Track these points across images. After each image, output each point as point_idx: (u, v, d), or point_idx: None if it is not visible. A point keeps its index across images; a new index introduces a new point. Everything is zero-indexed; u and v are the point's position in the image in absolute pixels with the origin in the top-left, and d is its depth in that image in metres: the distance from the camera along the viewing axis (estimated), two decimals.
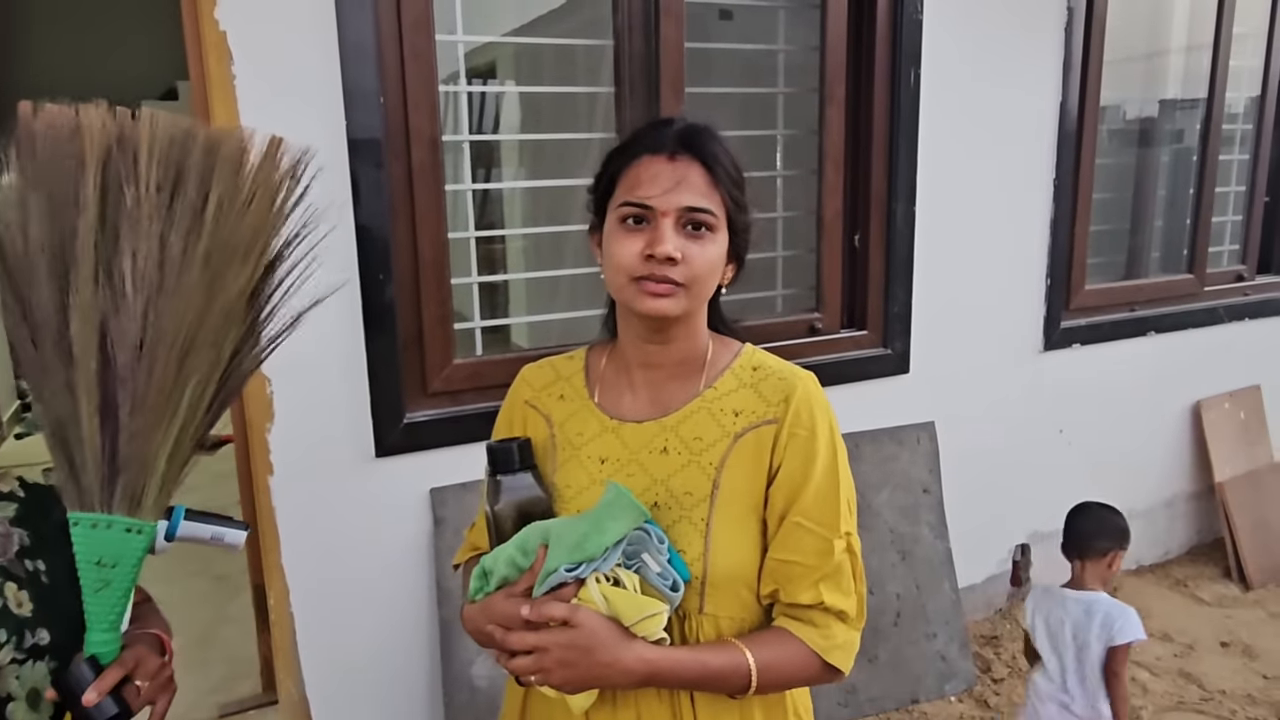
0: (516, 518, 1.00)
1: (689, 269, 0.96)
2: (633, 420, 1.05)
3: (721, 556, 0.98)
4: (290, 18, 1.78)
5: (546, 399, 1.12)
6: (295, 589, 1.96)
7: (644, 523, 0.94)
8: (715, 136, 1.01)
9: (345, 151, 1.85)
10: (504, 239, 5.31)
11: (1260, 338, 3.52)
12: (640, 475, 1.02)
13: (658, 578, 0.93)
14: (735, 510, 0.99)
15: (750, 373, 1.05)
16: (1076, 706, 2.00)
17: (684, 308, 0.98)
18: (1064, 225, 2.90)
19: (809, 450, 0.99)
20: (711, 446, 1.01)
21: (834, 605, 0.98)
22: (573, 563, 0.91)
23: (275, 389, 1.87)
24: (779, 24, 2.62)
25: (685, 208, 0.96)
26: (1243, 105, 3.55)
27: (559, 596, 0.91)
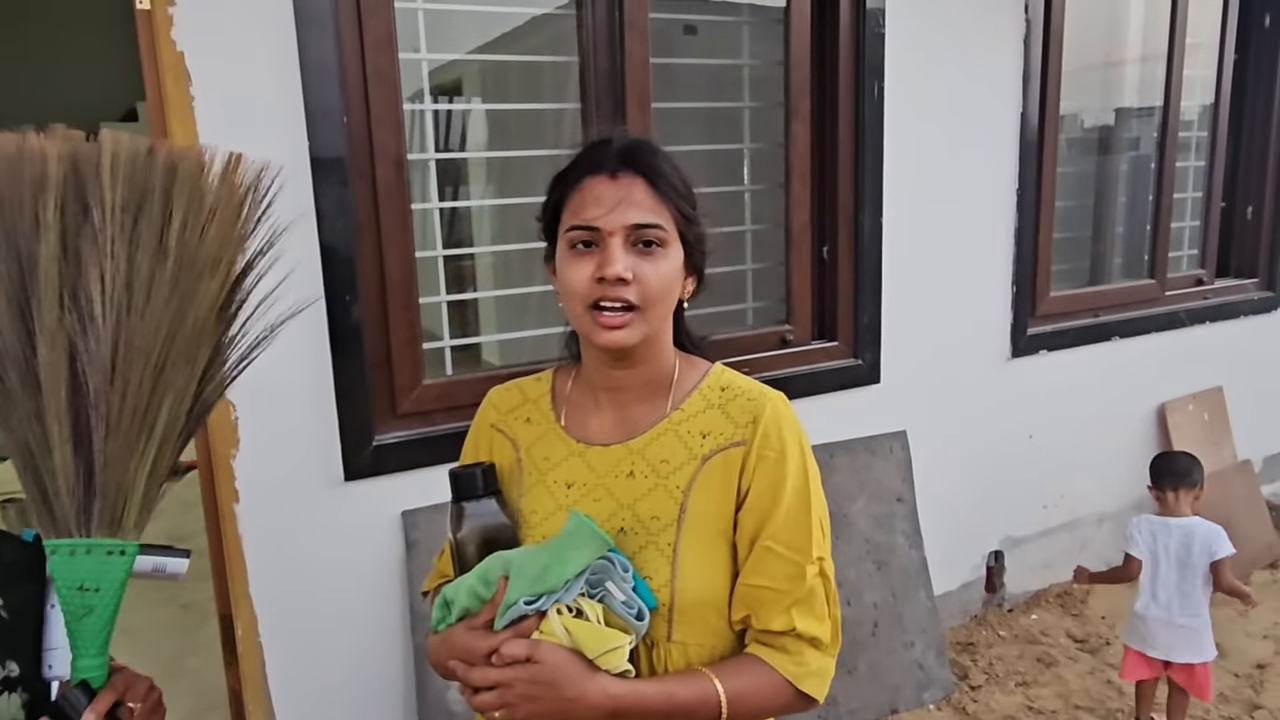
0: (480, 545, 0.97)
1: (642, 288, 0.94)
2: (599, 444, 1.03)
3: (689, 582, 0.95)
4: (249, 38, 1.76)
5: (513, 422, 1.10)
6: (264, 618, 1.91)
7: (608, 551, 0.92)
8: (656, 150, 0.99)
9: (308, 171, 1.83)
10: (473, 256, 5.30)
11: (1221, 340, 3.58)
12: (607, 500, 1.00)
13: (622, 606, 0.91)
14: (703, 535, 0.97)
15: (718, 393, 1.02)
16: (1182, 618, 2.33)
17: (642, 333, 0.96)
18: (1028, 233, 2.94)
19: (778, 473, 0.97)
20: (679, 470, 0.99)
21: (806, 631, 0.96)
22: (533, 594, 0.89)
23: (240, 414, 1.84)
24: (743, 39, 2.64)
25: (632, 225, 0.94)
26: (1196, 113, 3.63)
27: (520, 629, 0.89)
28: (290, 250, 1.81)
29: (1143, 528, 2.43)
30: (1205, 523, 2.39)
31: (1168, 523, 2.40)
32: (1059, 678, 2.73)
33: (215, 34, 1.73)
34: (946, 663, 2.69)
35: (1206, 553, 2.33)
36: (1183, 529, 2.38)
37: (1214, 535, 2.35)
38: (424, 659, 2.00)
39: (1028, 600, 3.18)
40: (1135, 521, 2.46)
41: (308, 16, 1.78)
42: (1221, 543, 2.34)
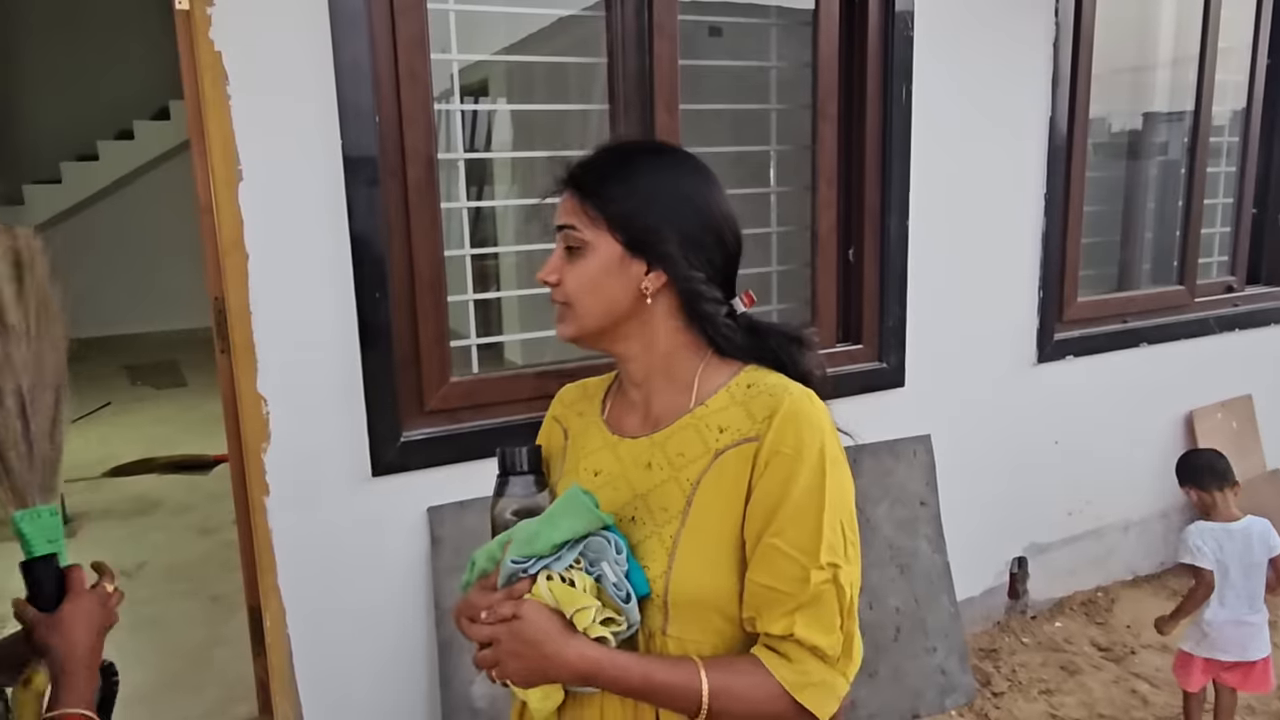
0: (517, 520, 1.01)
1: (563, 289, 1.02)
2: (630, 436, 1.06)
3: (685, 575, 0.94)
4: (285, 38, 1.79)
5: (570, 415, 1.16)
6: (292, 610, 1.94)
7: (606, 530, 0.94)
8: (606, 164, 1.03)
9: (340, 170, 1.85)
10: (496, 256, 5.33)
11: (1250, 347, 3.54)
12: (624, 489, 1.02)
13: (613, 588, 0.92)
14: (707, 530, 0.96)
15: (744, 389, 1.02)
16: (1251, 616, 2.31)
17: (578, 327, 1.02)
18: (1055, 238, 2.92)
19: (790, 469, 0.94)
20: (692, 463, 0.99)
21: (807, 639, 0.91)
22: (521, 556, 0.92)
23: (271, 409, 1.86)
24: (771, 41, 2.64)
25: (557, 227, 1.02)
26: (1228, 118, 3.59)
27: (513, 590, 0.93)
28: (322, 248, 1.86)
29: (1206, 538, 2.33)
30: (1257, 519, 2.36)
31: (1230, 529, 2.33)
32: (1083, 686, 2.71)
33: (252, 34, 1.75)
34: (969, 669, 2.68)
35: (1266, 549, 2.32)
36: (1243, 531, 2.33)
37: (1269, 530, 2.33)
38: (448, 653, 2.03)
39: (1052, 607, 3.15)
40: (1195, 532, 2.35)
41: (342, 17, 1.81)
42: (1276, 537, 2.33)
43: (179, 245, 7.10)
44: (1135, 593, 3.27)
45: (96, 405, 5.85)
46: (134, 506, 4.21)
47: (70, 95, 7.69)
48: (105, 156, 7.70)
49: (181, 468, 4.64)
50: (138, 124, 7.72)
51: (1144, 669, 2.79)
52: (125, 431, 5.35)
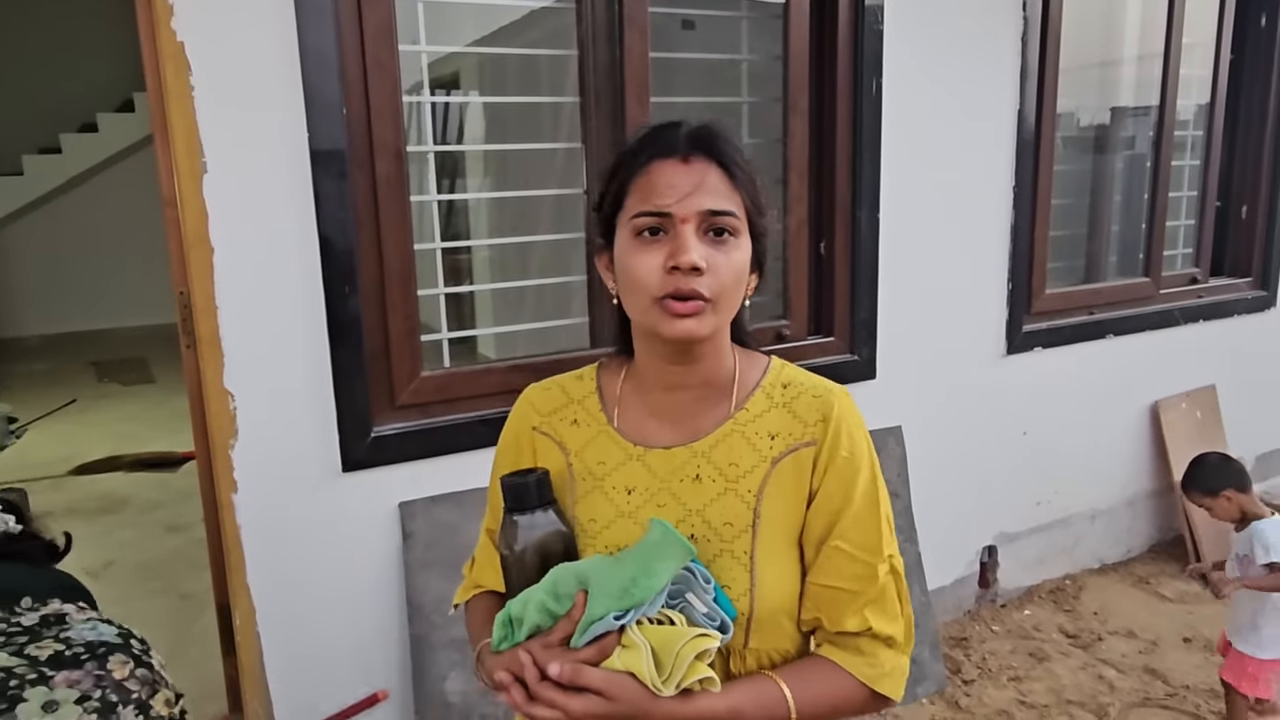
0: (539, 558, 0.93)
1: (716, 279, 0.89)
2: (659, 446, 0.98)
3: (768, 590, 0.92)
4: (249, 29, 1.76)
5: (558, 424, 1.04)
6: (261, 608, 1.92)
7: (688, 561, 0.88)
8: (729, 136, 0.94)
9: (308, 162, 1.83)
10: (469, 249, 5.30)
11: (1214, 338, 3.60)
12: (673, 505, 0.96)
13: (704, 619, 0.86)
14: (778, 540, 0.94)
15: (781, 391, 0.98)
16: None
17: (713, 326, 0.91)
18: (1024, 231, 2.95)
19: (849, 472, 0.94)
20: (749, 473, 0.95)
21: (882, 631, 0.94)
22: (620, 610, 0.84)
23: (239, 405, 1.84)
24: (742, 34, 2.64)
25: (707, 211, 0.89)
26: (1192, 112, 3.64)
27: (602, 645, 0.84)
28: (289, 241, 1.84)
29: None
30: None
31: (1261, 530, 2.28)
32: (1051, 673, 2.75)
33: (215, 24, 1.73)
34: (940, 657, 2.71)
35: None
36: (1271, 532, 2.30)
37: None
38: (421, 648, 2.01)
39: (1021, 596, 3.20)
40: (1268, 528, 2.26)
41: (308, 7, 1.79)
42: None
43: (146, 239, 6.98)
44: (1102, 580, 3.33)
45: (61, 403, 5.75)
46: (100, 505, 4.15)
47: (32, 87, 7.53)
48: (69, 149, 7.55)
49: (149, 465, 4.58)
50: (101, 116, 7.57)
51: (1110, 655, 2.84)
52: (91, 429, 5.27)
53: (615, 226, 0.95)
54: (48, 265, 7.60)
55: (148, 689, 0.85)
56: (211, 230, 1.77)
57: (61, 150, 7.53)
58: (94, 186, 7.71)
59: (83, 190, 7.69)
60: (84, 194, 7.70)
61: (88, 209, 7.71)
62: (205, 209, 1.76)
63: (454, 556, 2.06)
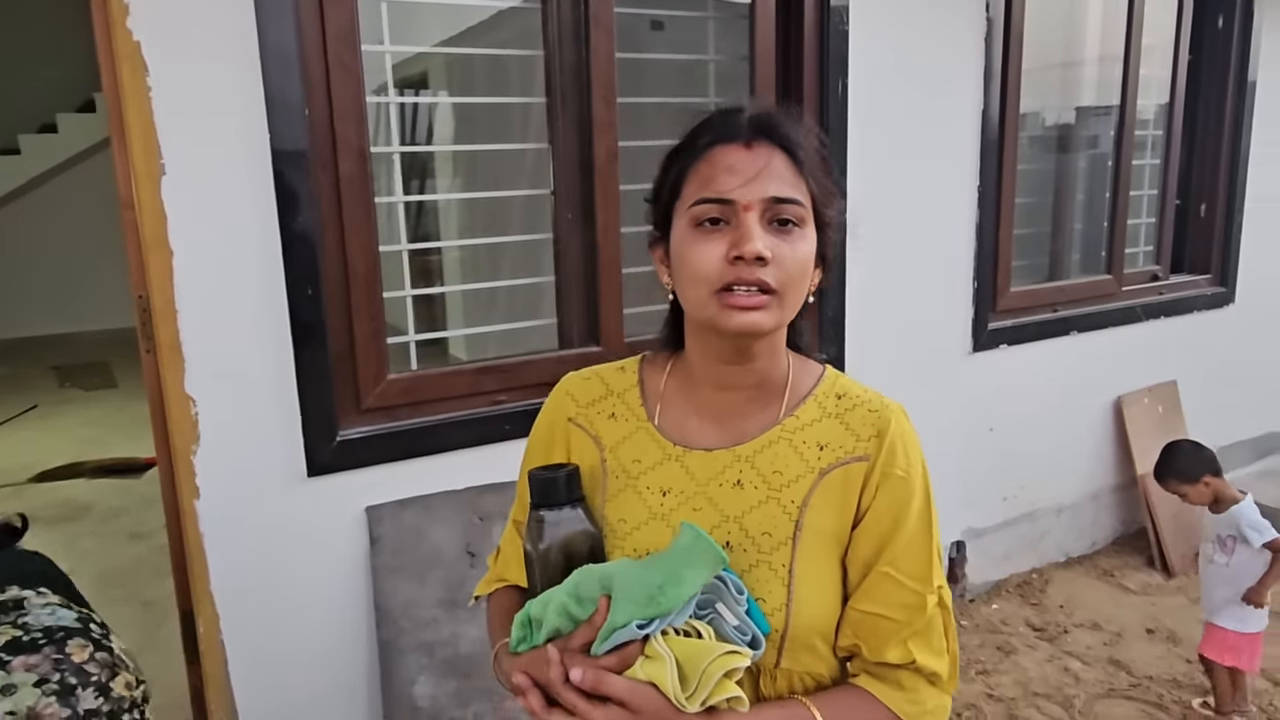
0: (564, 557, 0.90)
1: (781, 270, 0.83)
2: (700, 448, 0.93)
3: (806, 607, 0.87)
4: (208, 29, 1.73)
5: (595, 417, 0.99)
6: (226, 615, 1.90)
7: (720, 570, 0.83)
8: (796, 120, 0.89)
9: (269, 163, 1.81)
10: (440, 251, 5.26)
11: (1175, 334, 3.67)
12: (709, 510, 0.91)
13: (735, 632, 0.81)
14: (819, 556, 0.89)
15: (835, 401, 0.93)
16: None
17: (776, 320, 0.86)
18: (989, 229, 2.98)
19: (903, 493, 0.89)
20: (794, 482, 0.90)
21: (926, 666, 0.88)
22: (645, 618, 0.79)
23: (200, 410, 1.81)
24: (709, 34, 2.65)
25: (771, 199, 0.83)
26: (1154, 112, 3.71)
27: (626, 654, 0.79)
28: (251, 244, 1.81)
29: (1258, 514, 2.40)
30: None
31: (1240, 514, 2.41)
32: (1018, 665, 2.79)
33: (173, 24, 1.70)
34: None
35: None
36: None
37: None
38: (389, 653, 2.00)
39: (989, 590, 3.24)
40: (1251, 510, 2.39)
41: (268, 7, 1.76)
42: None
43: (107, 242, 6.84)
44: (1067, 574, 3.38)
45: (22, 408, 5.64)
46: (62, 512, 4.06)
47: None
48: (27, 150, 7.39)
49: (112, 471, 4.50)
50: (61, 117, 7.43)
51: (1076, 647, 2.88)
52: (53, 435, 5.16)
53: (672, 218, 0.90)
54: (7, 268, 7.44)
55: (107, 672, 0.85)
56: (170, 233, 1.75)
57: (20, 151, 7.38)
58: (54, 188, 7.56)
59: (43, 191, 7.55)
60: (44, 195, 7.55)
61: (48, 211, 7.56)
62: (164, 211, 1.73)
63: (422, 561, 2.05)
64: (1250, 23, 3.61)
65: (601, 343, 2.30)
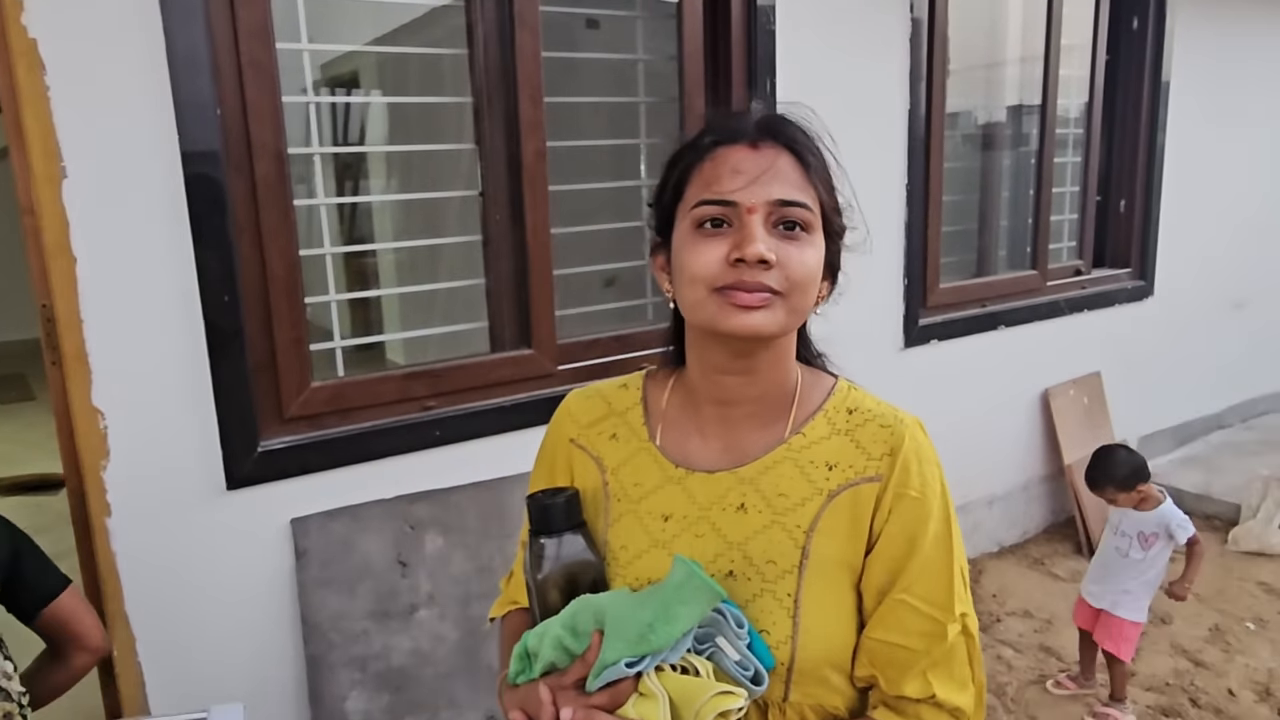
0: (563, 586, 0.86)
1: (786, 274, 0.79)
2: (703, 469, 0.88)
3: (813, 640, 0.82)
4: (111, 26, 1.66)
5: (596, 438, 0.95)
6: (142, 638, 1.82)
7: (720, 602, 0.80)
8: (801, 124, 0.86)
9: (179, 166, 1.74)
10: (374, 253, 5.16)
11: (1098, 327, 3.78)
12: (711, 537, 0.86)
13: (736, 667, 0.78)
14: (827, 584, 0.83)
15: (845, 417, 0.88)
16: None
17: (780, 324, 0.81)
18: (918, 227, 3.03)
19: (918, 514, 0.83)
20: (800, 506, 0.84)
21: (947, 700, 0.82)
22: (635, 656, 0.77)
23: (109, 423, 1.74)
24: (637, 34, 2.64)
25: (777, 201, 0.80)
26: (1078, 111, 3.81)
27: (617, 692, 0.76)
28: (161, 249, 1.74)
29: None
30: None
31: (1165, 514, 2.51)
32: None
33: (72, 21, 1.62)
34: None
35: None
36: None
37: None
38: (318, 669, 1.94)
39: None
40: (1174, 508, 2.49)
41: (175, 5, 1.69)
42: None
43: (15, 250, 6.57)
44: (1000, 563, 3.45)
45: None
46: None
47: None
48: None
49: (27, 488, 4.31)
50: None
51: (1008, 635, 2.94)
52: None
53: (674, 221, 0.86)
54: None
55: None
56: (73, 239, 1.67)
57: None
58: None
59: None
60: None
61: None
62: (65, 217, 1.66)
63: (351, 572, 2.00)
64: (1163, 24, 3.74)
65: (533, 345, 2.27)
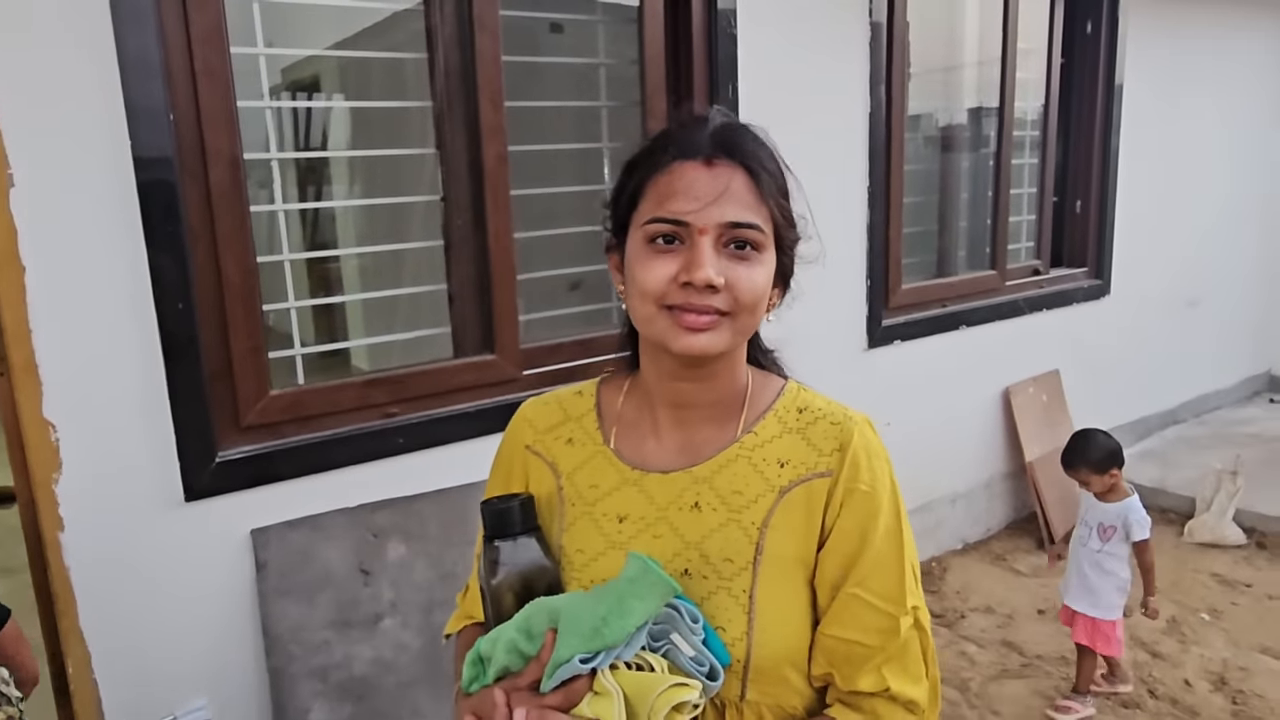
0: (519, 591, 0.86)
1: (734, 295, 0.81)
2: (658, 470, 0.89)
3: (769, 636, 0.83)
4: (59, 31, 1.63)
5: (552, 443, 0.96)
6: (98, 654, 1.79)
7: (674, 598, 0.80)
8: (757, 137, 0.87)
9: (131, 173, 1.71)
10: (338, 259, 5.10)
11: (1056, 326, 3.85)
12: (669, 537, 0.87)
13: (691, 663, 0.78)
14: (782, 580, 0.85)
15: (796, 415, 0.91)
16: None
17: (727, 343, 0.83)
18: (879, 229, 3.06)
19: (869, 508, 0.85)
20: (753, 503, 0.86)
21: (901, 694, 0.83)
22: (589, 652, 0.76)
23: (61, 435, 1.70)
24: (599, 38, 2.64)
25: (728, 223, 0.81)
26: (1037, 113, 3.87)
27: (572, 691, 0.76)
28: (114, 257, 1.71)
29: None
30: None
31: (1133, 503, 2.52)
32: None
33: (17, 25, 1.59)
34: None
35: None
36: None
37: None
38: (280, 681, 1.92)
39: None
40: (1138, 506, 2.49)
41: (125, 10, 1.66)
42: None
43: None
44: (964, 560, 3.50)
45: None
46: None
47: None
48: None
49: None
50: None
51: (971, 631, 2.98)
52: None
53: (629, 226, 0.88)
54: None
55: None
56: (22, 248, 1.63)
57: None
58: None
59: None
60: None
61: None
62: (13, 225, 1.62)
63: (312, 582, 1.97)
64: (1116, 28, 3.82)
65: (496, 350, 2.26)
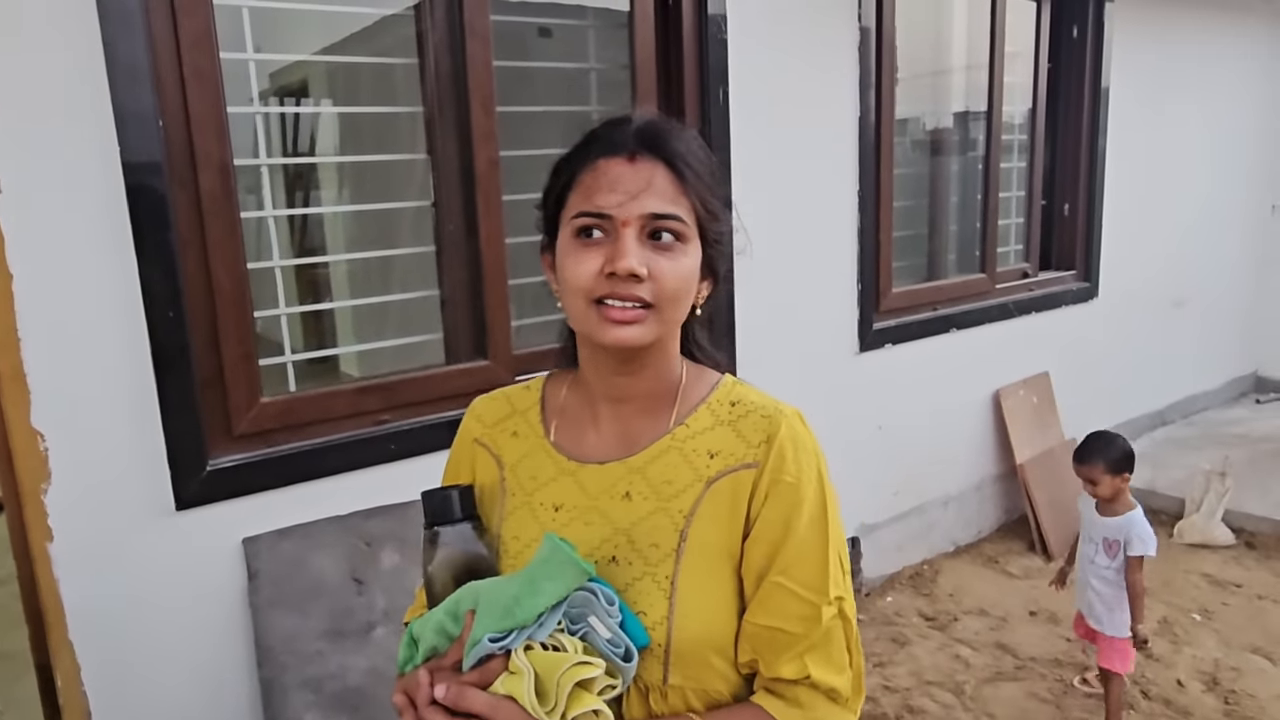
0: (455, 576, 0.89)
1: (657, 286, 0.84)
2: (594, 461, 0.93)
3: (689, 620, 0.85)
4: (46, 37, 1.61)
5: (498, 436, 1.00)
6: (87, 665, 1.76)
7: (590, 580, 0.82)
8: (681, 133, 0.90)
9: (120, 179, 1.69)
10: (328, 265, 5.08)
11: (1046, 328, 3.87)
12: (600, 524, 0.89)
13: (607, 645, 0.80)
14: (706, 567, 0.87)
15: (728, 408, 0.92)
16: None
17: (654, 334, 0.86)
18: (870, 233, 3.07)
19: (793, 499, 0.87)
20: (682, 492, 0.88)
21: (822, 681, 0.85)
22: (500, 631, 0.79)
23: (51, 444, 1.68)
24: (589, 43, 2.64)
25: (649, 215, 0.84)
26: (1024, 117, 3.90)
27: (487, 670, 0.79)
28: (103, 264, 1.69)
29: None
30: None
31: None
32: (912, 656, 2.87)
33: (6, 31, 1.57)
34: None
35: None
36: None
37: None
38: (272, 692, 1.90)
39: (883, 583, 3.33)
40: (1142, 520, 2.39)
41: (114, 15, 1.65)
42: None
43: None
44: (956, 562, 3.51)
45: None
46: None
47: None
48: None
49: None
50: None
51: (965, 634, 2.99)
52: None
53: (559, 225, 0.90)
54: None
55: None
56: (9, 255, 1.62)
57: None
58: None
59: None
60: None
61: None
62: (0, 232, 1.60)
63: (304, 592, 1.96)
64: (1102, 32, 3.85)
65: (489, 356, 2.25)
